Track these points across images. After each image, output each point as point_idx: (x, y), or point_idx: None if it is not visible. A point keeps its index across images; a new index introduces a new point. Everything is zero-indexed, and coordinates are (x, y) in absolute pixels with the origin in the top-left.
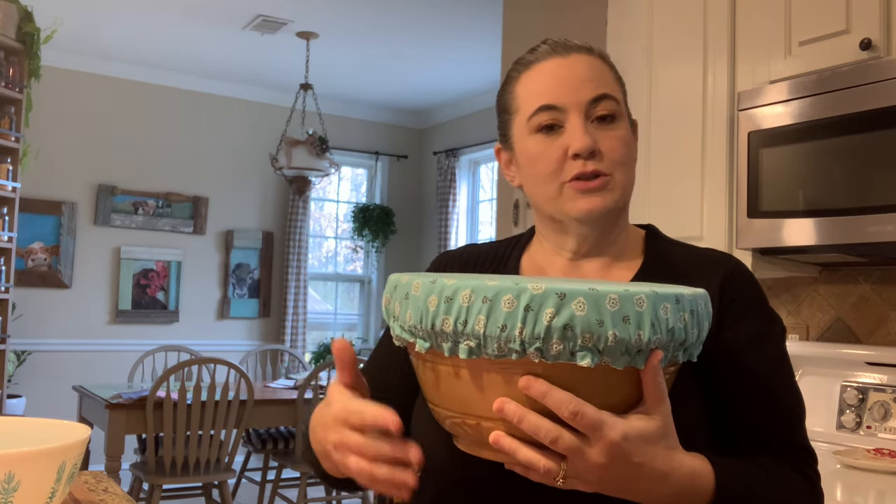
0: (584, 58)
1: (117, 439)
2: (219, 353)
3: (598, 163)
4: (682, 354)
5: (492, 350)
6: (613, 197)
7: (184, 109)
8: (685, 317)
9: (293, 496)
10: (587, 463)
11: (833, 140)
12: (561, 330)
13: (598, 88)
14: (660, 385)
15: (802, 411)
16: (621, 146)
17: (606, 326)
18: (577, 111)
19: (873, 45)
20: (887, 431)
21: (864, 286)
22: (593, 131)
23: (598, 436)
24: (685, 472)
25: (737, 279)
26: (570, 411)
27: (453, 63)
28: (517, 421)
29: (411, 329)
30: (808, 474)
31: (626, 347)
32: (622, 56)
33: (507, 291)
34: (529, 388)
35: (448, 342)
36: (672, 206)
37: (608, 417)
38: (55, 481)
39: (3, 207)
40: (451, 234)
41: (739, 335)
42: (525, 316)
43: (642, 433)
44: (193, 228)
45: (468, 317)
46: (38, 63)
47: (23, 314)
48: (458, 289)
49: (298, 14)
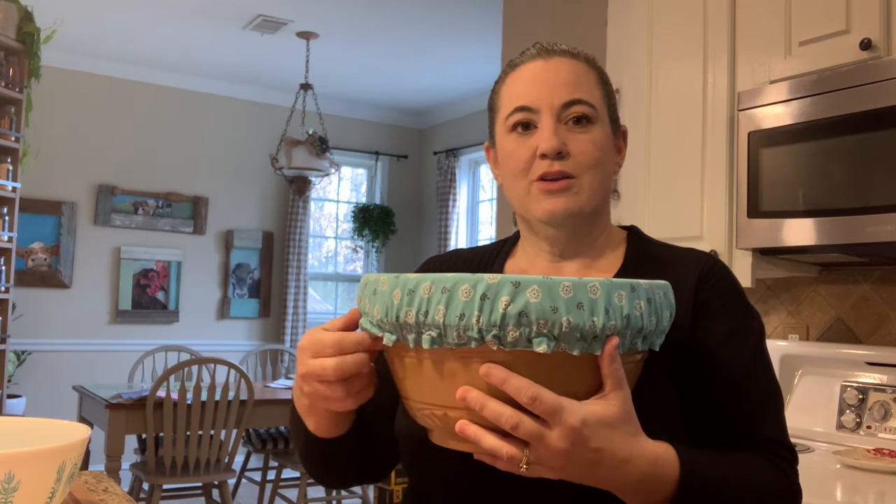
0: (566, 62)
1: (117, 439)
2: (219, 353)
3: (566, 164)
4: (642, 343)
5: (452, 339)
6: (578, 200)
7: (184, 109)
8: (641, 304)
9: (293, 496)
10: (548, 448)
11: (833, 140)
12: (516, 317)
13: (573, 93)
14: (617, 371)
15: (780, 407)
16: (592, 149)
17: (560, 313)
18: (549, 113)
19: (873, 45)
20: (887, 431)
21: (864, 286)
22: (564, 133)
23: (558, 420)
24: (647, 458)
25: (712, 277)
26: (529, 396)
27: (453, 63)
28: (479, 408)
29: (379, 323)
30: (783, 468)
31: (581, 333)
32: (622, 56)
33: (465, 282)
34: (489, 375)
35: (412, 333)
36: (672, 205)
37: (567, 403)
38: (55, 481)
39: (3, 207)
40: (451, 234)
41: (715, 332)
42: (482, 304)
43: (601, 418)
44: (193, 228)
45: (429, 307)
46: (38, 63)
47: (23, 314)
48: (419, 281)
49: (298, 14)
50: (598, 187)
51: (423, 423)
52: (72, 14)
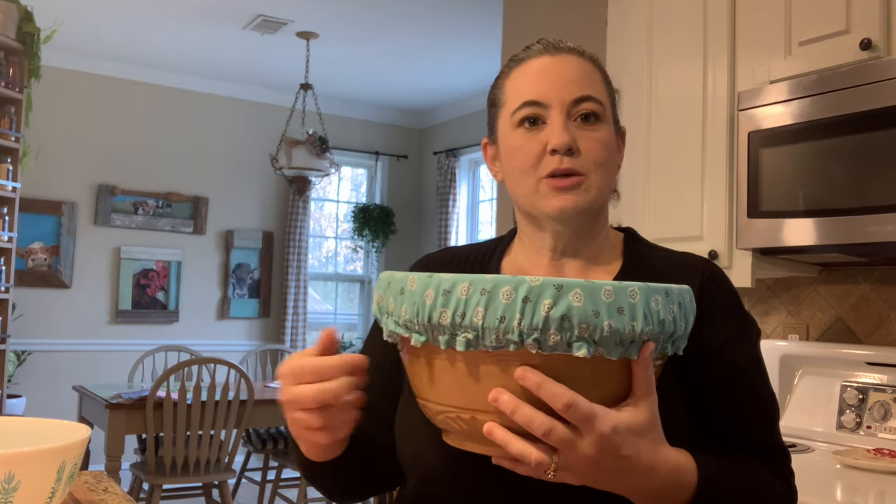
0: (574, 59)
1: (117, 439)
2: (219, 353)
3: (575, 161)
4: (671, 347)
5: (490, 342)
6: (588, 197)
7: (184, 109)
8: (674, 309)
9: (293, 496)
10: (577, 455)
11: (833, 140)
12: (559, 321)
13: (584, 89)
14: (649, 377)
15: (776, 411)
16: (601, 147)
17: (602, 317)
18: (559, 108)
19: (873, 45)
20: (887, 431)
21: (864, 286)
22: (574, 130)
23: (590, 427)
24: (671, 467)
25: (714, 282)
26: (564, 403)
27: (453, 63)
28: (511, 412)
29: (406, 323)
30: (783, 472)
31: (620, 338)
32: (622, 56)
33: (506, 283)
34: (525, 379)
35: (445, 335)
36: (672, 205)
37: (600, 410)
38: (55, 481)
39: (3, 207)
40: (451, 234)
41: (717, 336)
42: (524, 307)
43: (631, 425)
44: (193, 228)
45: (466, 308)
46: (38, 63)
47: (23, 314)
48: (456, 282)
49: (298, 14)
50: (605, 186)
51: (442, 426)
52: (72, 14)
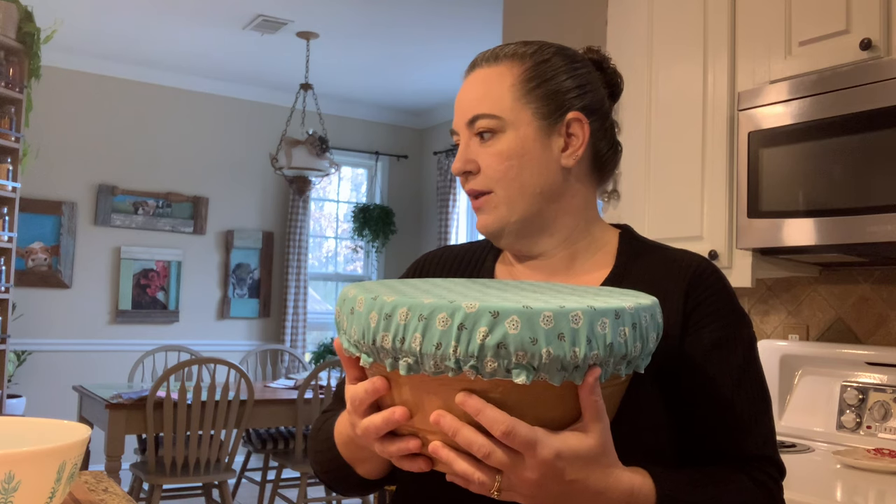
0: (482, 73)
1: (117, 439)
2: (219, 353)
3: (476, 181)
4: (626, 367)
5: (429, 367)
6: (498, 214)
7: (184, 109)
8: (626, 331)
9: (293, 496)
10: (520, 478)
11: (833, 140)
12: (494, 348)
13: (476, 108)
14: (596, 402)
15: (768, 420)
16: (496, 162)
17: (540, 344)
18: (464, 133)
19: (873, 45)
20: (887, 431)
21: (864, 286)
22: (476, 150)
23: (532, 454)
24: (622, 490)
25: (701, 284)
26: (502, 431)
27: (453, 63)
28: (452, 434)
29: (356, 343)
30: (767, 486)
31: (561, 364)
32: (622, 56)
33: (442, 310)
34: (465, 404)
35: (389, 358)
36: (672, 205)
37: (542, 436)
38: (55, 481)
39: (3, 207)
40: (451, 234)
41: (703, 341)
42: (459, 334)
43: (577, 451)
44: (193, 228)
45: (405, 334)
46: (38, 63)
47: (23, 314)
48: (395, 306)
49: (298, 14)
50: (516, 196)
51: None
52: (72, 14)
